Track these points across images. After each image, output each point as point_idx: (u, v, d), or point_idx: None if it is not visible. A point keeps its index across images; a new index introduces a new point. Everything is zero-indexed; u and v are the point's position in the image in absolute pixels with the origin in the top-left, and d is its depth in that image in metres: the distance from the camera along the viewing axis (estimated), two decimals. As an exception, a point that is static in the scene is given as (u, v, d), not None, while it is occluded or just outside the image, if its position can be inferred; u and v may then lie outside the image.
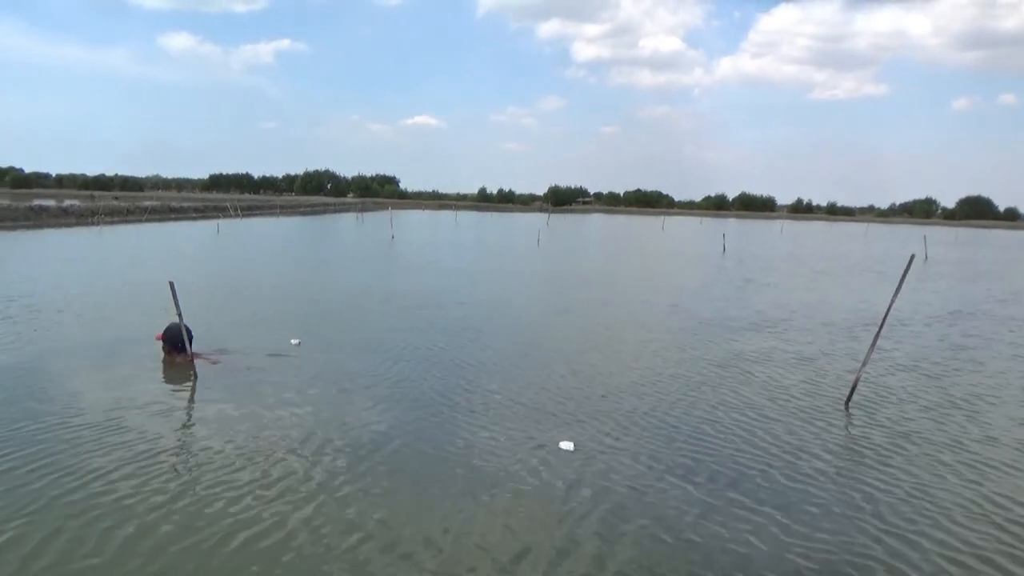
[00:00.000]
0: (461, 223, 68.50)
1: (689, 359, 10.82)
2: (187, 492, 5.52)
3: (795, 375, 10.10)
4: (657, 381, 9.46)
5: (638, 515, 5.39)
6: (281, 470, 6.01)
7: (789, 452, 6.95)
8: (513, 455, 6.55)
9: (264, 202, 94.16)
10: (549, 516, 5.36)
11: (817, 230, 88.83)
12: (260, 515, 5.16)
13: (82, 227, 41.55)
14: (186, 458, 6.27)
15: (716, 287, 21.39)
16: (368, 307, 15.24)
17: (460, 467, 6.25)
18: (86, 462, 6.01)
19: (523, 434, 7.14)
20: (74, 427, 6.88)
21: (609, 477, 6.11)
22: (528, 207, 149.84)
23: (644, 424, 7.60)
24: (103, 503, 5.26)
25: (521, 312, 15.57)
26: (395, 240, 38.36)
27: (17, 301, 13.89)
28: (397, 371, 9.50)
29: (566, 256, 33.86)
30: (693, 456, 6.69)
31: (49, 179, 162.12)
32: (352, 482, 5.82)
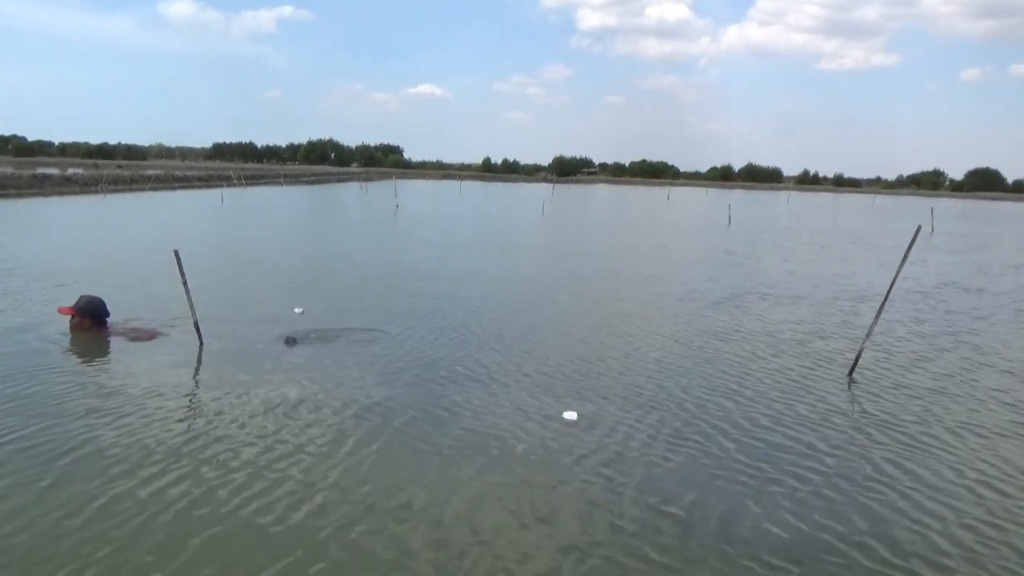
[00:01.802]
0: (465, 193, 68.22)
1: (693, 331, 10.89)
2: (188, 460, 5.61)
3: (799, 347, 10.18)
4: (661, 353, 9.54)
5: (639, 485, 5.46)
6: (285, 438, 6.07)
7: (793, 422, 7.05)
8: (517, 424, 6.63)
9: (268, 171, 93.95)
10: (550, 484, 5.44)
11: (824, 201, 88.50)
12: (264, 483, 5.23)
13: (86, 195, 41.55)
14: (188, 424, 6.35)
15: (721, 259, 21.39)
16: (372, 277, 15.30)
17: (464, 435, 6.31)
18: (85, 432, 6.11)
19: (527, 404, 7.21)
20: (76, 397, 6.99)
21: (611, 447, 6.18)
22: (533, 177, 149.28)
23: (647, 395, 7.68)
24: (108, 471, 5.38)
25: (525, 283, 15.62)
26: (399, 210, 38.31)
27: (15, 271, 13.99)
28: (401, 341, 9.56)
29: (571, 227, 33.81)
30: (696, 428, 6.76)
31: (52, 147, 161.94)
32: (355, 451, 5.87)
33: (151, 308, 10.56)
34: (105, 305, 9.16)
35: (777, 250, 24.69)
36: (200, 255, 16.00)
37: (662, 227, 36.58)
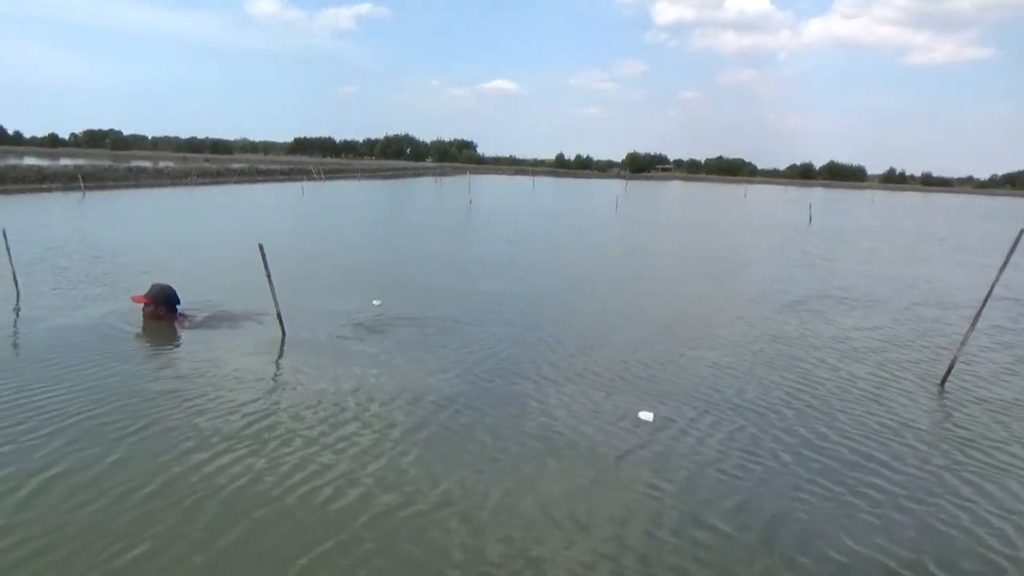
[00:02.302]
0: (538, 189, 68.21)
1: (773, 334, 10.52)
2: (261, 446, 5.73)
3: (886, 352, 9.70)
4: (740, 355, 9.24)
5: (715, 492, 5.29)
6: (358, 428, 6.16)
7: (880, 432, 6.69)
8: (590, 422, 6.53)
9: (346, 166, 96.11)
10: (623, 485, 5.33)
11: (910, 201, 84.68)
12: (332, 472, 5.29)
13: (176, 187, 43.53)
14: (265, 413, 6.47)
15: (802, 259, 20.68)
16: (447, 271, 15.41)
17: (536, 432, 6.26)
18: (153, 413, 6.32)
19: (601, 402, 7.10)
20: (146, 380, 7.26)
21: (688, 451, 6.02)
22: (606, 174, 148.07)
23: (725, 398, 7.44)
24: (171, 451, 5.54)
25: (599, 279, 15.44)
26: (473, 205, 38.55)
27: (103, 258, 14.66)
28: (474, 334, 9.58)
29: (645, 224, 33.33)
30: (775, 434, 6.51)
31: (146, 141, 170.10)
32: (425, 442, 5.91)
33: (232, 297, 10.89)
34: (176, 293, 9.41)
35: (857, 251, 23.72)
36: (280, 247, 16.42)
37: (738, 226, 35.64)
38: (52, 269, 12.95)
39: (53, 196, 32.42)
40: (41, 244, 15.62)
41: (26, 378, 6.96)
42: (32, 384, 6.77)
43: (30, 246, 14.80)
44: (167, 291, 9.32)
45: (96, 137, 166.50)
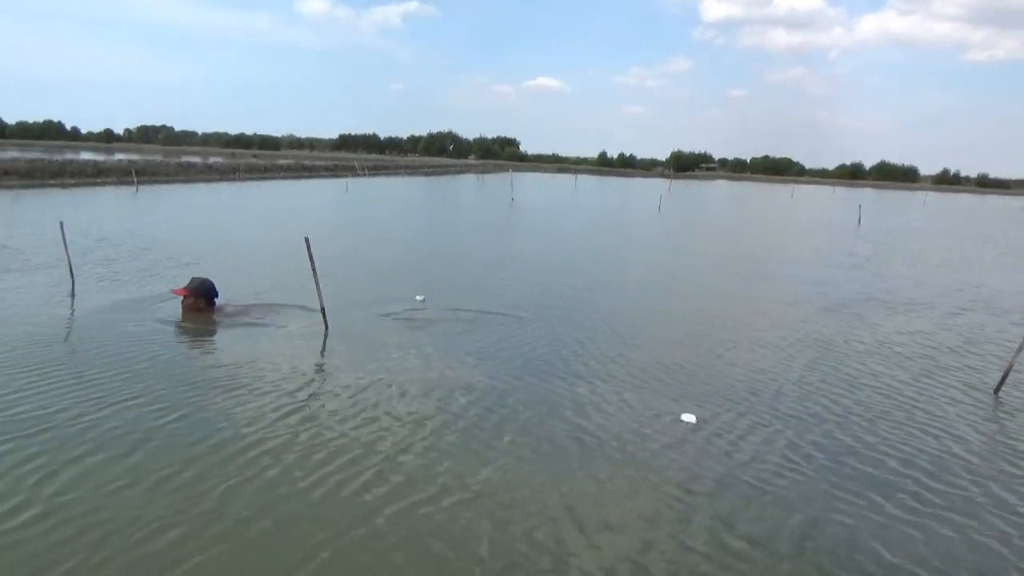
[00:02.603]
0: (580, 187, 67.97)
1: (818, 337, 10.28)
2: (294, 437, 5.79)
3: (931, 358, 9.40)
4: (783, 358, 9.05)
5: (748, 497, 5.16)
6: (391, 422, 6.19)
7: (924, 441, 6.47)
8: (630, 423, 6.45)
9: (389, 162, 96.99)
10: (654, 486, 5.24)
11: (965, 203, 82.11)
12: (361, 465, 5.32)
13: (225, 182, 44.44)
14: (300, 405, 6.55)
15: (850, 262, 20.20)
16: (488, 268, 15.44)
17: (568, 430, 6.21)
18: (195, 399, 6.45)
19: (642, 403, 7.02)
20: (199, 370, 7.43)
21: (722, 454, 5.90)
22: (649, 172, 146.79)
23: (762, 402, 7.28)
24: (225, 444, 5.63)
25: (640, 279, 15.31)
26: (514, 203, 38.57)
27: (151, 250, 15.04)
28: (513, 331, 9.57)
29: (688, 224, 32.97)
30: (813, 440, 6.34)
31: (196, 137, 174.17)
32: (458, 438, 5.91)
33: (275, 291, 11.08)
34: (215, 287, 9.55)
35: (904, 254, 23.08)
36: (325, 242, 16.62)
37: (784, 226, 34.98)
38: (100, 260, 13.31)
39: (108, 190, 33.40)
40: (92, 236, 16.07)
41: (71, 366, 7.16)
42: (76, 371, 6.96)
43: (82, 237, 15.25)
44: (206, 284, 9.46)
45: (149, 133, 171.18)
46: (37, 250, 14.05)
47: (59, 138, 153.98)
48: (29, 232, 16.52)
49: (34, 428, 5.56)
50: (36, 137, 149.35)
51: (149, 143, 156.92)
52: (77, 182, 36.00)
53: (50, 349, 7.73)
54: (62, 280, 11.12)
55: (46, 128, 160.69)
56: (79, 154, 67.50)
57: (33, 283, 11.11)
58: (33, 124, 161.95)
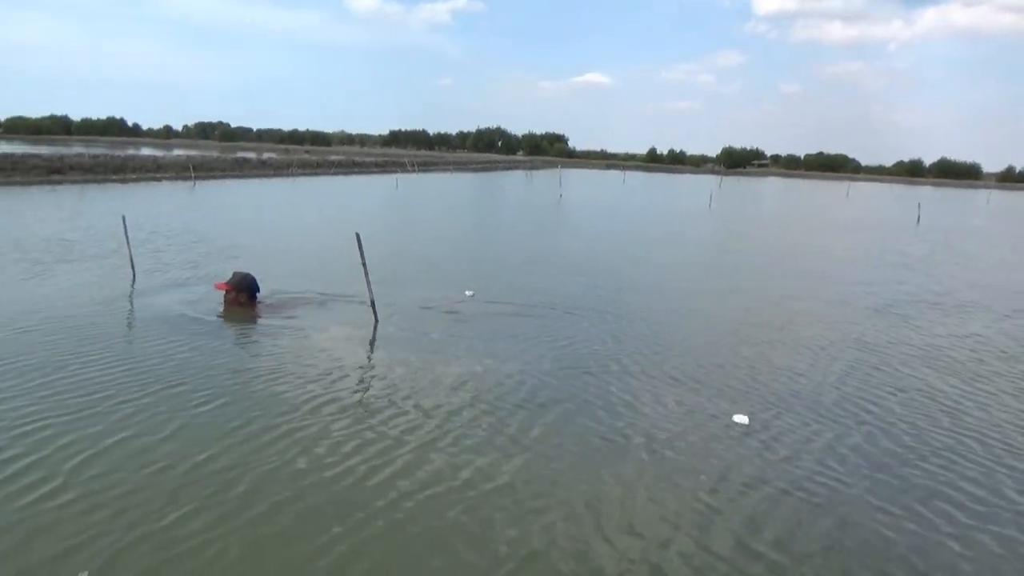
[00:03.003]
0: (629, 184, 67.51)
1: (864, 338, 10.05)
2: (326, 427, 5.93)
3: (983, 364, 9.08)
4: (826, 359, 8.87)
5: (781, 503, 5.07)
6: (444, 417, 6.25)
7: (973, 452, 6.25)
8: (681, 423, 6.39)
9: (438, 158, 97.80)
10: (691, 486, 5.21)
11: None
12: (389, 456, 5.41)
13: (278, 178, 45.51)
14: (341, 397, 6.68)
15: (903, 261, 19.74)
16: (535, 264, 15.48)
17: (624, 429, 6.18)
18: (237, 392, 6.67)
19: (692, 403, 6.94)
20: (240, 359, 7.69)
21: (757, 457, 5.81)
22: (699, 169, 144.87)
23: (824, 405, 7.12)
24: (259, 433, 5.81)
25: (690, 278, 15.17)
26: (562, 199, 38.61)
27: (201, 242, 15.62)
28: (563, 329, 9.57)
29: (739, 221, 32.49)
30: (860, 444, 6.20)
31: (251, 133, 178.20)
32: (510, 436, 5.93)
33: (323, 284, 11.28)
34: (256, 281, 9.72)
35: (960, 255, 22.39)
36: (375, 237, 17.02)
37: (838, 224, 34.20)
38: (150, 251, 13.75)
39: (167, 184, 34.48)
40: (146, 228, 16.62)
41: (116, 352, 7.48)
42: (120, 358, 7.28)
43: (136, 230, 15.63)
44: (248, 279, 9.63)
45: (206, 129, 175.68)
46: (95, 242, 14.68)
47: (121, 134, 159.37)
48: (88, 225, 17.26)
49: (81, 411, 5.83)
50: (100, 133, 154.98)
51: (206, 139, 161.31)
52: (138, 177, 37.26)
53: (97, 336, 8.05)
54: (114, 270, 11.66)
55: (109, 125, 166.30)
56: (140, 150, 69.75)
57: (86, 273, 11.62)
58: (97, 121, 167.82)
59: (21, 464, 4.92)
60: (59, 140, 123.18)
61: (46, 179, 32.44)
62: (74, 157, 37.98)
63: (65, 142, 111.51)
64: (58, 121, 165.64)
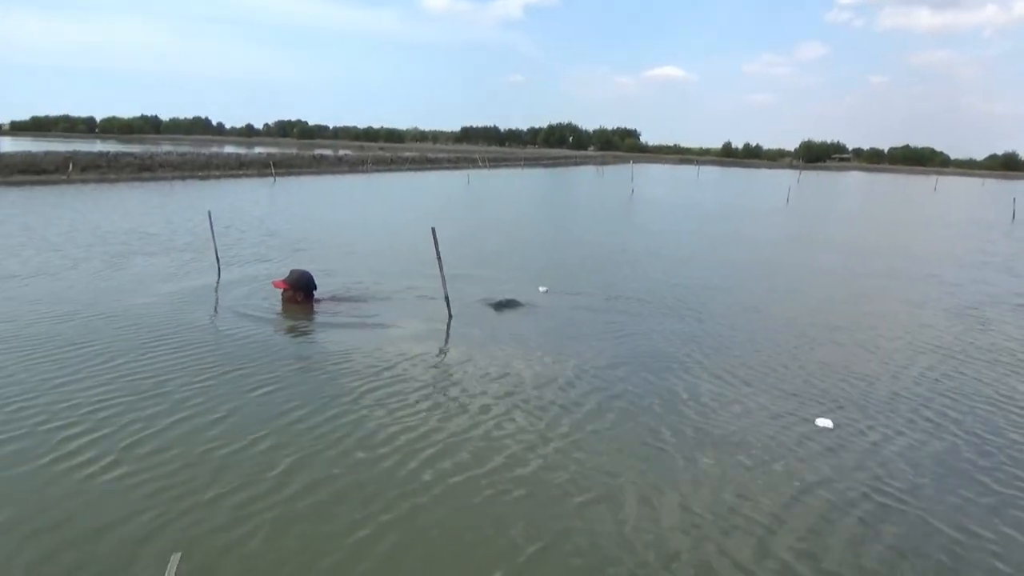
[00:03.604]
0: (703, 179, 66.11)
1: (958, 344, 9.45)
2: (416, 421, 5.99)
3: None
4: (917, 365, 8.35)
5: (854, 508, 4.85)
6: (518, 411, 6.23)
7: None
8: (759, 424, 6.19)
9: (509, 154, 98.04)
10: (794, 492, 5.00)
11: None
12: (488, 453, 5.39)
13: (353, 174, 46.51)
14: (425, 390, 6.72)
15: (995, 262, 18.66)
16: (609, 260, 15.27)
17: (698, 429, 6.01)
18: (294, 380, 6.84)
19: (771, 405, 6.70)
20: (296, 353, 7.92)
21: (870, 465, 5.51)
22: (776, 163, 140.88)
23: (912, 412, 6.74)
24: (303, 419, 5.94)
25: (768, 276, 14.63)
26: (634, 194, 38.13)
27: (276, 235, 15.98)
28: (636, 325, 9.42)
29: (820, 218, 31.36)
30: (958, 458, 5.80)
31: (328, 131, 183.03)
32: (573, 429, 5.87)
33: (394, 279, 11.47)
34: (313, 279, 9.74)
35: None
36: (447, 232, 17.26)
37: (925, 221, 32.60)
38: (223, 245, 14.01)
39: (248, 181, 35.74)
40: (222, 223, 17.07)
41: (181, 339, 7.82)
42: (187, 343, 7.62)
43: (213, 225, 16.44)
44: (305, 277, 9.66)
45: (285, 127, 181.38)
46: (177, 237, 15.42)
47: (206, 133, 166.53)
48: (170, 220, 18.13)
49: (147, 392, 6.14)
50: (186, 132, 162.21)
51: (285, 137, 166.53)
52: (222, 174, 38.76)
53: (164, 323, 8.44)
54: (187, 263, 12.21)
55: (195, 124, 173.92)
56: (224, 148, 72.52)
57: (164, 265, 12.20)
58: (184, 120, 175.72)
59: (85, 440, 5.20)
60: (149, 139, 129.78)
61: (137, 176, 34.11)
62: (163, 155, 39.84)
63: (155, 140, 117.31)
64: (148, 120, 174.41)
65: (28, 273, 10.95)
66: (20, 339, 7.53)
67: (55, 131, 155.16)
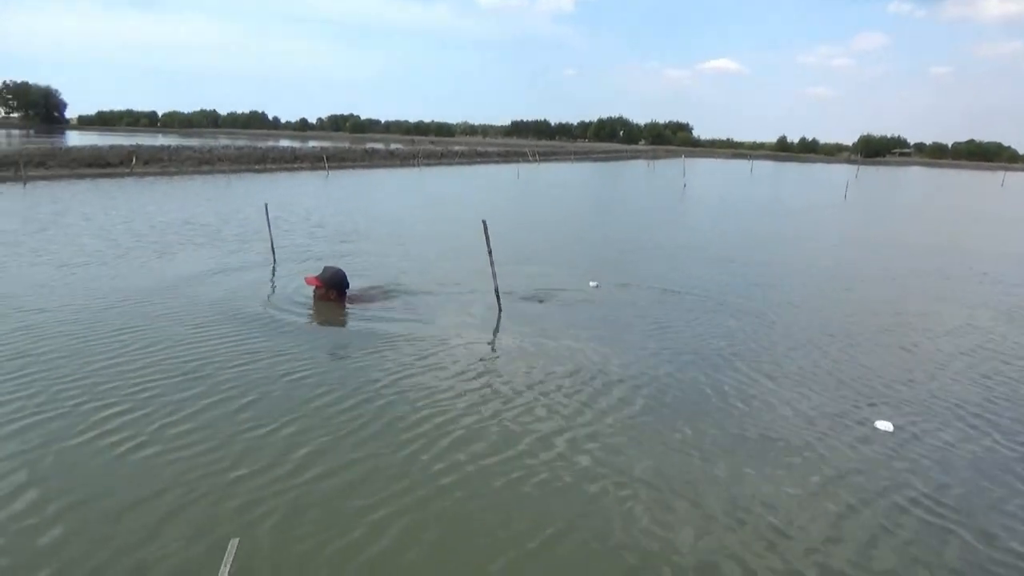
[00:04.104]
0: (757, 173, 64.72)
1: (1002, 346, 9.10)
2: (464, 414, 6.01)
3: None
4: (992, 371, 8.00)
5: (965, 521, 4.67)
6: (566, 405, 6.22)
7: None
8: (815, 426, 6.05)
9: (559, 148, 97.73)
10: (853, 498, 4.86)
11: None
12: (532, 448, 5.39)
13: (404, 168, 46.98)
14: (475, 383, 6.74)
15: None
16: (659, 256, 15.05)
17: (751, 429, 5.90)
18: (323, 370, 6.99)
19: (828, 406, 6.54)
20: (332, 342, 8.08)
21: (934, 470, 5.35)
22: (834, 158, 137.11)
23: (978, 417, 6.53)
24: (330, 404, 6.07)
25: (825, 274, 14.18)
26: (686, 189, 37.60)
27: (323, 226, 16.24)
28: (687, 322, 9.31)
29: (877, 214, 30.41)
30: (1006, 460, 5.63)
31: (379, 125, 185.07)
32: (620, 425, 5.83)
33: (441, 273, 11.58)
34: (346, 276, 9.64)
35: None
36: (495, 226, 17.24)
37: (991, 218, 31.24)
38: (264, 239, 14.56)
39: (303, 174, 36.42)
40: (272, 214, 17.56)
41: (222, 325, 8.12)
42: (226, 332, 7.88)
43: (262, 216, 16.82)
44: (338, 275, 9.58)
45: (338, 122, 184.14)
46: (227, 227, 15.84)
47: (263, 127, 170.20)
48: (220, 211, 18.64)
49: (191, 375, 6.39)
50: (243, 126, 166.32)
51: (338, 131, 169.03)
52: (277, 167, 39.62)
53: (210, 309, 8.78)
54: (230, 254, 12.56)
55: (252, 118, 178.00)
56: (279, 142, 73.96)
57: (209, 255, 12.58)
58: (241, 115, 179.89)
59: (120, 420, 5.45)
60: (208, 133, 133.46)
61: (197, 169, 35.12)
62: (221, 149, 40.96)
63: (213, 135, 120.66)
64: (207, 115, 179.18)
65: (81, 262, 11.43)
66: (76, 323, 7.92)
67: (119, 126, 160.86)
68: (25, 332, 7.50)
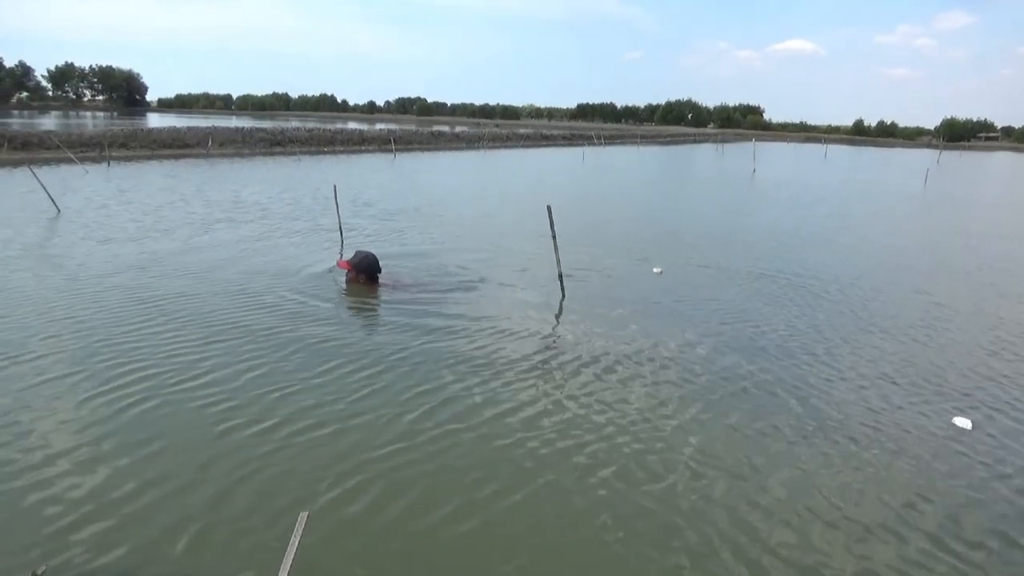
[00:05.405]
0: (831, 158, 62.50)
1: None
2: (529, 398, 6.04)
3: None
4: None
5: (992, 506, 4.54)
6: (632, 390, 6.19)
7: None
8: (890, 420, 5.86)
9: (625, 131, 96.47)
10: (927, 493, 4.72)
11: None
12: (590, 431, 5.38)
13: (470, 150, 47.15)
14: (538, 367, 6.75)
15: None
16: (726, 244, 14.62)
17: (814, 420, 5.77)
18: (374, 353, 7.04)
19: (903, 400, 6.32)
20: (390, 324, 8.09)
21: (1010, 471, 5.12)
22: (913, 142, 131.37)
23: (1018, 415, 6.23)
24: (440, 388, 6.12)
25: (897, 266, 13.49)
26: (756, 174, 36.63)
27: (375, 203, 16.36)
28: (754, 310, 9.08)
29: (961, 203, 29.00)
30: None
31: (445, 108, 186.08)
32: (690, 417, 5.73)
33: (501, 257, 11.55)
34: (378, 261, 9.58)
35: None
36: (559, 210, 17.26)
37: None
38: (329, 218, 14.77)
39: (370, 156, 36.91)
40: (342, 195, 17.91)
41: (266, 303, 8.44)
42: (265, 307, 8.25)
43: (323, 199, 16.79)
44: (369, 260, 9.51)
45: (405, 104, 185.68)
46: (296, 209, 16.16)
47: (332, 110, 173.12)
48: (285, 190, 18.89)
49: (211, 340, 6.54)
50: (313, 109, 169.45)
51: (405, 114, 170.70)
52: (345, 149, 40.25)
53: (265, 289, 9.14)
54: (301, 231, 12.89)
55: (322, 101, 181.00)
56: (348, 124, 75.18)
57: (276, 234, 12.86)
58: (311, 97, 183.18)
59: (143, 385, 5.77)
60: (280, 115, 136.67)
61: (269, 151, 35.97)
62: (292, 131, 41.84)
63: (284, 117, 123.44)
64: (280, 98, 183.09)
65: (137, 236, 12.09)
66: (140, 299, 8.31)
67: (196, 108, 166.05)
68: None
